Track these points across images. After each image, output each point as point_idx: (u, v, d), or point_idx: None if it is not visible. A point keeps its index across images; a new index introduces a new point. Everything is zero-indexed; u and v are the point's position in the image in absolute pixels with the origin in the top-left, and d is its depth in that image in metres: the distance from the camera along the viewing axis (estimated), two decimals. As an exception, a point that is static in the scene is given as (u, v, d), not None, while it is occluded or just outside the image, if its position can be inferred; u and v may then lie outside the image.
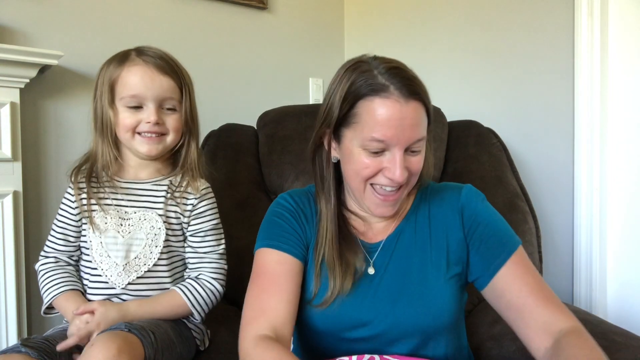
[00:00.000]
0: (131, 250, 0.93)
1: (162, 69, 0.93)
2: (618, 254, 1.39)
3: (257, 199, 1.34)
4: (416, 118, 0.73)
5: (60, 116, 1.33)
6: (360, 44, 2.02)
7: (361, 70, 0.74)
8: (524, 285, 0.74)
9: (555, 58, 1.46)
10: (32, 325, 1.26)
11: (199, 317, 0.96)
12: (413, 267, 0.81)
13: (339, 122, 0.77)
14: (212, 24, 1.66)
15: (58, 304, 0.93)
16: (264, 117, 1.47)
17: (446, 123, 1.46)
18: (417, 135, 0.73)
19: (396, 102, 0.71)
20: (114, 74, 0.92)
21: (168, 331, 0.88)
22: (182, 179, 0.99)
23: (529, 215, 1.28)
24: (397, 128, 0.71)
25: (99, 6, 1.41)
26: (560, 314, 0.72)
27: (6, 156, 1.17)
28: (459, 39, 1.69)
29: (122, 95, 0.92)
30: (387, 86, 0.72)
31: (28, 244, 1.24)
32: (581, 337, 0.68)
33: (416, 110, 0.73)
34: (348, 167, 0.78)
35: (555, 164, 1.48)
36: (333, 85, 0.78)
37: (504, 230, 0.81)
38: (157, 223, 0.95)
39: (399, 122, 0.71)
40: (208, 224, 0.99)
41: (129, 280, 0.92)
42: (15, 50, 1.14)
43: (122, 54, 0.95)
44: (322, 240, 0.81)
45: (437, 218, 0.83)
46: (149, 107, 0.92)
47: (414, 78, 0.74)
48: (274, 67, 1.83)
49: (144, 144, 0.93)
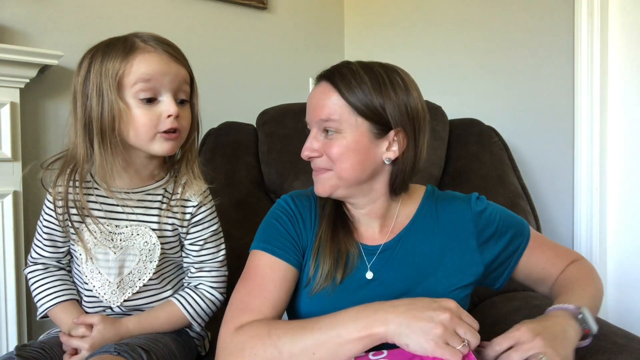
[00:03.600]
0: (124, 266, 0.87)
1: (174, 56, 0.82)
2: (618, 253, 1.39)
3: (256, 198, 1.33)
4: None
5: (60, 116, 1.33)
6: (360, 44, 2.02)
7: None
8: (546, 261, 0.85)
9: (555, 58, 1.46)
10: (32, 326, 1.26)
11: (198, 328, 0.93)
12: (418, 276, 0.80)
13: None
14: (212, 24, 1.66)
15: (53, 315, 0.88)
16: (263, 116, 1.47)
17: (447, 121, 1.46)
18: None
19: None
20: (121, 65, 0.78)
21: (169, 345, 0.85)
22: (176, 185, 0.89)
23: (530, 214, 1.28)
24: None
25: (99, 6, 1.41)
26: (571, 257, 0.86)
27: (6, 156, 1.16)
28: (459, 38, 1.69)
29: (135, 82, 0.78)
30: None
31: (28, 244, 1.24)
32: (578, 266, 0.84)
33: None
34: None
35: (555, 164, 1.48)
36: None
37: (514, 221, 0.86)
38: (151, 238, 0.87)
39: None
40: (207, 230, 0.92)
41: (124, 297, 0.88)
42: (15, 50, 1.14)
43: (122, 43, 0.80)
44: (322, 220, 0.82)
45: (448, 227, 0.83)
46: (165, 98, 0.80)
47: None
48: (274, 66, 1.83)
49: (163, 143, 0.81)
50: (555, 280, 0.84)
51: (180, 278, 0.97)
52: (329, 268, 0.78)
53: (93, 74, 0.79)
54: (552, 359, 0.62)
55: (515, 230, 0.84)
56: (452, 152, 1.41)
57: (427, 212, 0.84)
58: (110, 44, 0.81)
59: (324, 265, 0.78)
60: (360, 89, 0.75)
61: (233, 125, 1.45)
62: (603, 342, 0.81)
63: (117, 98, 0.78)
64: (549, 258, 0.85)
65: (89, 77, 0.80)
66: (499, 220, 0.83)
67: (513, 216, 0.86)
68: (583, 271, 0.83)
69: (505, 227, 0.83)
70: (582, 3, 1.38)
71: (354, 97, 0.75)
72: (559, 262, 0.85)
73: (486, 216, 0.83)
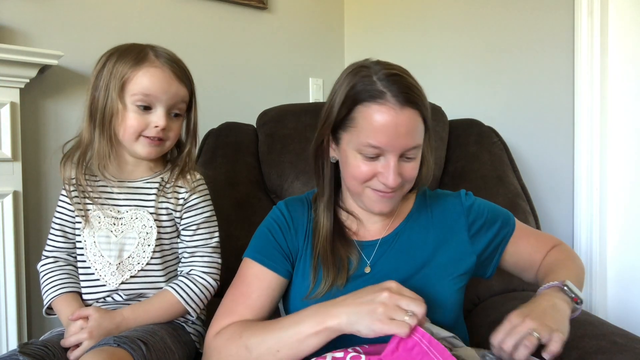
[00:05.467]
0: (124, 249, 0.93)
1: (178, 76, 0.91)
2: (618, 253, 1.39)
3: (256, 198, 1.33)
4: (410, 126, 0.74)
5: (60, 116, 1.33)
6: (360, 44, 2.02)
7: (362, 75, 0.76)
8: (531, 248, 0.89)
9: (555, 58, 1.46)
10: (32, 325, 1.26)
11: (194, 314, 0.96)
12: (413, 267, 0.83)
13: (337, 125, 0.79)
14: (212, 24, 1.66)
15: (56, 307, 0.93)
16: (263, 116, 1.47)
17: (447, 122, 1.46)
18: (411, 142, 0.75)
19: (391, 109, 0.72)
20: (128, 71, 0.88)
21: (165, 338, 0.87)
22: (171, 174, 0.98)
23: (530, 214, 1.28)
24: (391, 135, 0.73)
25: (99, 6, 1.41)
26: (552, 243, 0.90)
27: (6, 156, 1.16)
28: (459, 38, 1.69)
29: (135, 92, 0.88)
30: (384, 93, 0.73)
31: (28, 244, 1.24)
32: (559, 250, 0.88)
33: (411, 118, 0.74)
34: (345, 169, 0.81)
35: (555, 164, 1.48)
36: (335, 87, 0.80)
37: (500, 212, 0.91)
38: (148, 222, 0.94)
39: (393, 129, 0.73)
40: (200, 216, 0.98)
41: (122, 279, 0.92)
42: (15, 50, 1.14)
43: (137, 51, 0.90)
44: (318, 235, 0.84)
45: (441, 222, 0.87)
46: (158, 111, 0.90)
47: (412, 86, 0.75)
48: (274, 67, 1.83)
49: (145, 146, 0.91)
50: (539, 266, 0.88)
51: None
52: (333, 279, 0.81)
53: (106, 70, 0.89)
54: (544, 333, 0.64)
55: (502, 220, 0.89)
56: (452, 153, 1.42)
57: (422, 208, 0.89)
58: (128, 48, 0.91)
59: (327, 277, 0.81)
60: (425, 105, 0.77)
61: (233, 125, 1.45)
62: (603, 342, 0.81)
63: (117, 98, 0.88)
64: (532, 245, 0.90)
65: (102, 72, 0.90)
66: (487, 212, 0.88)
67: (499, 208, 0.92)
68: (562, 253, 0.87)
69: (493, 218, 0.88)
70: (582, 3, 1.38)
71: (428, 115, 0.77)
72: (541, 248, 0.89)
73: (475, 209, 0.88)
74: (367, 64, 0.78)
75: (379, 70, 0.75)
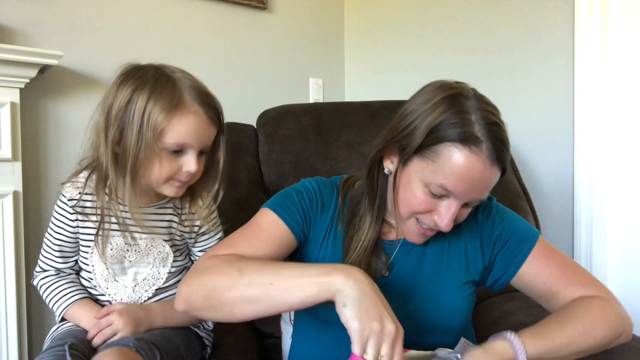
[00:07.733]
0: (139, 272, 0.92)
1: (212, 119, 0.86)
2: (618, 254, 1.39)
3: (257, 199, 1.33)
4: (492, 182, 0.71)
5: (60, 116, 1.33)
6: (360, 44, 2.02)
7: (459, 108, 0.69)
8: (548, 276, 0.79)
9: (555, 58, 1.46)
10: (32, 325, 1.26)
11: (212, 323, 0.98)
12: (426, 269, 0.82)
13: (414, 149, 0.72)
14: (212, 24, 1.66)
15: (70, 314, 0.90)
16: (263, 116, 1.47)
17: (446, 123, 1.46)
18: (484, 197, 0.73)
19: (482, 162, 0.68)
20: (164, 120, 0.80)
21: (179, 346, 0.88)
22: (184, 199, 0.95)
23: (530, 214, 1.28)
24: (471, 186, 0.69)
25: (99, 6, 1.41)
26: (588, 289, 0.77)
27: (6, 156, 1.16)
28: (458, 38, 1.69)
29: (171, 142, 0.81)
30: (481, 142, 0.67)
31: (28, 244, 1.24)
32: (590, 301, 0.74)
33: (495, 175, 0.70)
34: (402, 191, 0.75)
35: (555, 164, 1.48)
36: (422, 106, 0.72)
37: (522, 227, 0.84)
38: (164, 248, 0.93)
39: (476, 181, 0.69)
40: (214, 238, 0.99)
41: (140, 301, 0.92)
42: (15, 50, 1.13)
43: (169, 91, 0.81)
44: (358, 242, 0.80)
45: (456, 227, 0.82)
46: (190, 155, 0.84)
47: (506, 141, 0.70)
48: (274, 67, 1.83)
49: (174, 188, 0.86)
50: (555, 303, 0.79)
51: None
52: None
53: (137, 110, 0.80)
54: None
55: (520, 236, 0.83)
56: (452, 152, 1.41)
57: None
58: (158, 84, 0.81)
59: None
60: (508, 164, 0.73)
61: (233, 125, 1.45)
62: (603, 342, 0.81)
63: (155, 146, 0.80)
64: (552, 274, 0.79)
65: (131, 109, 0.80)
66: (505, 224, 0.84)
67: (522, 222, 0.85)
68: (591, 309, 0.73)
69: (510, 231, 0.83)
70: (582, 3, 1.38)
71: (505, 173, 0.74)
72: (564, 285, 0.78)
73: (492, 218, 0.84)
74: (465, 93, 0.72)
75: (478, 109, 0.69)
